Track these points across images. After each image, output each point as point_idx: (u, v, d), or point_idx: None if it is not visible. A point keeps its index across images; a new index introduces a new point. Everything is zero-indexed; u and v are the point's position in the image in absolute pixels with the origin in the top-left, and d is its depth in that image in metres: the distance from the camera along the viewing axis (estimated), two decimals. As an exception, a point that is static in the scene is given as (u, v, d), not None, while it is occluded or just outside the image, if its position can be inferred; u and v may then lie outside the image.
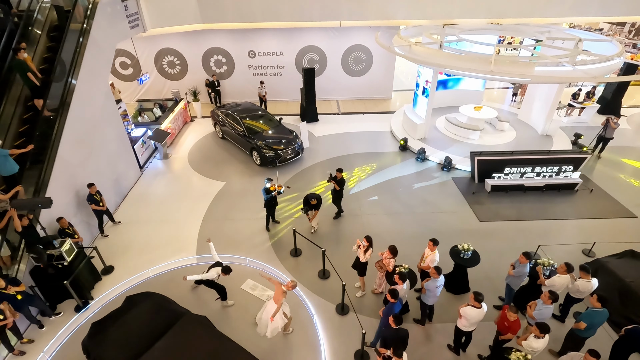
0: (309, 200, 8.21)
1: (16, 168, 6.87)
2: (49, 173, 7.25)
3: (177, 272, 7.66)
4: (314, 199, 8.16)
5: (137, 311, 5.79)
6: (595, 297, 5.38)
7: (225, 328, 6.05)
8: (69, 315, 6.82)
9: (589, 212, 9.39)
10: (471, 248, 6.86)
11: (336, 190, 8.71)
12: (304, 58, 15.72)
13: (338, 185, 8.57)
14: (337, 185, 8.56)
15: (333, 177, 8.57)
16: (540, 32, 12.19)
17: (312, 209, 8.34)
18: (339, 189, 8.63)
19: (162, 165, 11.79)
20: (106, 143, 9.46)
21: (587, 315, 5.45)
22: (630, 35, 23.41)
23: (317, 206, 8.33)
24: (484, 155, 10.33)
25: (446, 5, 13.12)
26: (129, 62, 15.41)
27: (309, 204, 8.20)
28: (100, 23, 9.04)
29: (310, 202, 8.18)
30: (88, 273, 7.31)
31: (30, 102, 7.95)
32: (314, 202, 8.18)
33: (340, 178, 8.52)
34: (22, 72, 7.45)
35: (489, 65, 8.75)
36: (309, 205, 8.24)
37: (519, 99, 15.43)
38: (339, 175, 8.48)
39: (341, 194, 8.82)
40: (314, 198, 8.17)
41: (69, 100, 7.88)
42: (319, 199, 8.33)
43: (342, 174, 8.53)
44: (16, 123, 7.69)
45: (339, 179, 8.51)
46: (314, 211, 8.39)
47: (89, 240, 8.42)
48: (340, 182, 8.56)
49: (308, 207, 8.25)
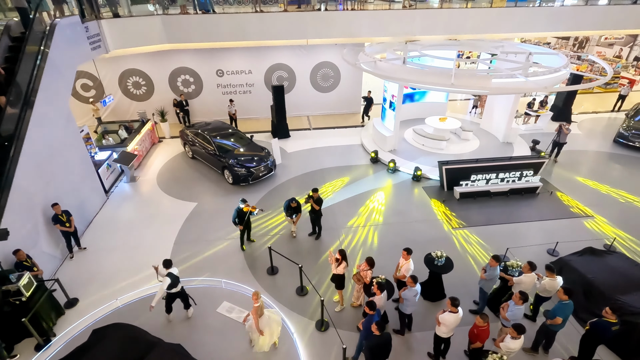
0: (289, 204, 8.53)
1: None
2: (4, 202, 6.78)
3: (147, 300, 7.31)
4: (293, 202, 8.53)
5: (105, 345, 5.43)
6: (561, 290, 5.68)
7: (201, 354, 5.81)
8: (29, 355, 6.30)
9: (550, 214, 9.92)
10: (444, 255, 7.04)
11: (315, 210, 8.64)
12: (273, 75, 15.87)
13: (317, 205, 8.53)
14: (315, 205, 8.52)
15: (310, 196, 8.53)
16: (494, 46, 13.04)
17: (296, 213, 8.71)
18: (318, 208, 8.59)
19: (130, 188, 11.36)
20: (68, 168, 9.02)
21: (559, 309, 5.74)
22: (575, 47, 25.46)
23: (298, 209, 8.67)
24: (451, 164, 10.73)
25: (407, 23, 13.79)
26: (91, 84, 14.91)
27: (291, 207, 8.54)
28: (59, 45, 8.75)
29: (291, 206, 8.52)
30: (49, 308, 6.82)
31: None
32: (294, 205, 8.52)
33: (317, 197, 8.49)
34: None
35: (450, 79, 9.21)
36: (292, 210, 8.59)
37: (479, 110, 16.25)
38: (316, 195, 8.47)
39: (320, 213, 8.76)
40: (293, 201, 8.54)
41: (26, 125, 7.49)
42: (297, 201, 8.65)
43: (318, 193, 8.52)
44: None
45: (316, 199, 8.47)
46: (298, 214, 8.78)
47: (50, 272, 7.90)
48: (318, 202, 8.52)
49: (292, 212, 8.64)
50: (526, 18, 14.44)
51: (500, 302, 6.46)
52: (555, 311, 5.77)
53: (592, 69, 21.03)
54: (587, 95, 19.20)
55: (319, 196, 8.53)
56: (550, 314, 5.80)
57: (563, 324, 5.84)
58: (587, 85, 11.12)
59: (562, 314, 5.70)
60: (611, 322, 5.38)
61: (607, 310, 5.41)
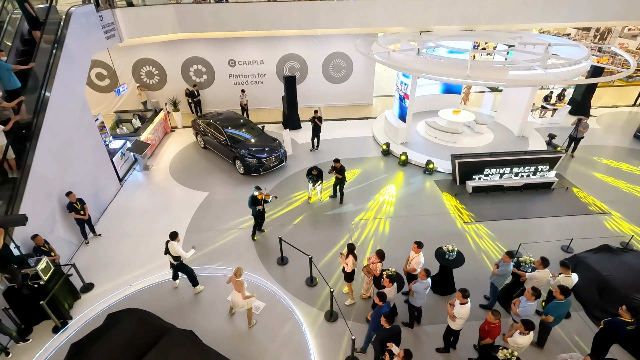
0: (311, 171, 9.32)
1: (19, 84, 7.59)
2: (23, 188, 6.96)
3: (160, 287, 7.47)
4: (315, 170, 9.30)
5: (119, 329, 5.56)
6: (557, 290, 5.62)
7: (212, 341, 5.91)
8: (47, 337, 6.50)
9: (565, 210, 9.72)
10: (456, 249, 6.97)
11: (339, 178, 9.53)
12: (285, 66, 15.78)
13: (339, 174, 9.39)
14: (338, 175, 9.40)
15: (333, 167, 9.35)
16: (512, 37, 12.67)
17: (318, 180, 9.50)
18: (341, 177, 9.47)
19: (143, 177, 11.52)
20: (84, 156, 9.18)
21: (552, 308, 5.72)
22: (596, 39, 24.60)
23: (319, 176, 9.49)
24: (464, 157, 10.57)
25: (422, 13, 13.48)
26: (105, 73, 15.07)
27: (312, 174, 9.34)
28: (74, 34, 8.83)
29: (312, 173, 9.30)
30: (66, 292, 7.02)
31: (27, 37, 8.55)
32: (315, 173, 9.30)
33: (340, 166, 9.32)
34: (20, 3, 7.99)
35: (465, 70, 9.01)
36: (313, 177, 9.41)
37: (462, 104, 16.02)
38: (337, 164, 9.31)
39: (344, 179, 9.64)
40: (314, 169, 9.31)
41: (43, 113, 7.63)
42: (318, 169, 9.42)
43: (339, 163, 9.34)
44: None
45: (339, 168, 9.31)
46: (320, 182, 9.61)
47: (66, 257, 8.11)
48: (340, 171, 9.37)
49: (314, 179, 9.45)
50: (546, 8, 13.97)
51: (511, 298, 6.39)
52: (548, 309, 5.77)
53: (614, 62, 20.31)
54: (607, 89, 18.62)
55: (341, 165, 9.37)
56: (545, 311, 5.83)
57: (558, 321, 5.86)
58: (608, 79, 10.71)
59: (555, 312, 5.70)
60: (626, 322, 5.28)
61: (623, 309, 5.31)
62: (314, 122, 12.16)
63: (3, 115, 7.25)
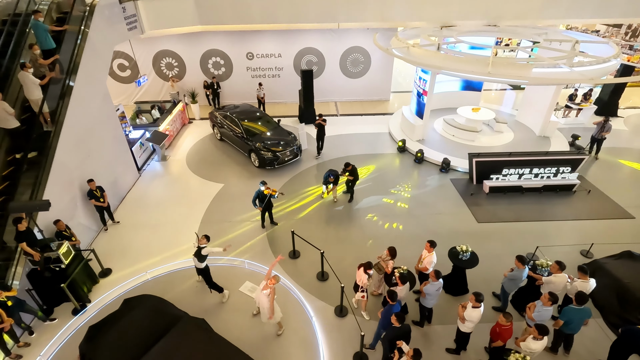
0: (327, 179, 9.52)
1: (54, 44, 8.05)
2: (47, 176, 7.22)
3: (175, 275, 7.64)
4: (331, 177, 9.47)
5: (135, 314, 5.75)
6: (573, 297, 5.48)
7: (223, 330, 6.03)
8: (66, 318, 6.77)
9: (586, 213, 9.41)
10: (470, 249, 6.86)
11: (351, 179, 9.74)
12: (302, 60, 15.73)
13: (352, 175, 9.59)
14: (350, 177, 9.60)
15: (344, 170, 9.58)
16: (537, 34, 12.24)
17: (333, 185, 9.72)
18: (352, 178, 9.67)
19: (160, 167, 11.76)
20: (104, 145, 9.43)
21: (564, 312, 5.57)
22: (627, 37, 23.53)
23: (336, 182, 9.70)
24: (482, 156, 10.35)
25: (444, 7, 13.13)
26: (126, 64, 15.38)
27: (328, 181, 9.56)
28: (98, 25, 9.01)
29: (329, 180, 9.52)
30: (85, 276, 7.27)
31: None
32: (332, 180, 9.52)
33: (351, 168, 9.53)
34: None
35: (486, 67, 8.77)
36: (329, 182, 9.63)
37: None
38: (349, 168, 9.53)
39: (356, 178, 9.82)
40: (330, 176, 9.47)
41: (67, 102, 7.86)
42: (335, 175, 9.55)
43: (350, 166, 9.53)
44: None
45: (350, 169, 9.52)
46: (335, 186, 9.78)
47: (86, 242, 8.38)
48: (352, 172, 9.56)
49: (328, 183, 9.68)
50: (574, 3, 13.40)
51: (525, 301, 6.25)
52: (563, 315, 5.60)
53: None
54: (636, 89, 17.82)
55: (353, 166, 9.57)
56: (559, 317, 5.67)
57: (577, 328, 5.67)
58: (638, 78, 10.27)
59: (565, 317, 5.54)
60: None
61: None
62: (318, 125, 11.61)
63: (40, 72, 7.80)
